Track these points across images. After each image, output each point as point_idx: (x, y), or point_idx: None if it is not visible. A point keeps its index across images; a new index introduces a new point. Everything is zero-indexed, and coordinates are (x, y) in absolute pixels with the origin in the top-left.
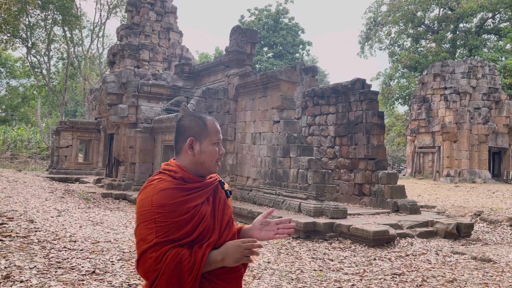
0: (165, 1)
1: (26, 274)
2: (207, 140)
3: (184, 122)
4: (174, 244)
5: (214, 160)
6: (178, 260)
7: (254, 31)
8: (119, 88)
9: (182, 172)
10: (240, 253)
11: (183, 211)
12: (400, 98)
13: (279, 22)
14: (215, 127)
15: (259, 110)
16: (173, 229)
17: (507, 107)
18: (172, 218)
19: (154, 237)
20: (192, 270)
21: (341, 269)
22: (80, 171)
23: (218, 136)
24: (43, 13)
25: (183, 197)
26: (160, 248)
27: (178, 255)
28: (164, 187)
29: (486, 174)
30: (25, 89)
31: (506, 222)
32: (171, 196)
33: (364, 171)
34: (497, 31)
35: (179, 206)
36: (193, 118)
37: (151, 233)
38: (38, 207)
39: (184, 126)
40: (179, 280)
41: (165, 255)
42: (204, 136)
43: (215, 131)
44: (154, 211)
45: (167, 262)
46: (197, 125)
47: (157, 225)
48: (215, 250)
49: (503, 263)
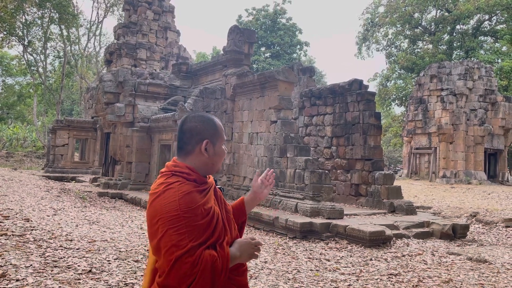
0: (163, 0)
1: (22, 272)
2: (219, 142)
3: (195, 124)
4: (203, 247)
5: (222, 160)
6: (213, 261)
7: (252, 31)
8: (116, 87)
9: (194, 174)
10: (252, 249)
11: (205, 213)
12: (396, 99)
13: (276, 22)
14: (222, 128)
15: (257, 110)
16: (200, 231)
17: (503, 109)
18: (199, 220)
19: (188, 241)
20: (223, 269)
21: (338, 269)
22: (76, 170)
23: (224, 136)
24: (40, 11)
25: (202, 198)
26: (195, 252)
27: (212, 256)
28: (188, 190)
29: (481, 175)
30: (21, 87)
31: (501, 223)
32: (195, 199)
33: (360, 171)
34: (494, 33)
35: (201, 208)
36: (204, 120)
37: (183, 238)
38: (34, 206)
39: (197, 128)
40: (213, 280)
41: (200, 258)
42: (216, 138)
43: (223, 132)
44: (183, 216)
45: (203, 265)
46: (210, 127)
47: (188, 229)
48: (231, 247)
49: (499, 264)
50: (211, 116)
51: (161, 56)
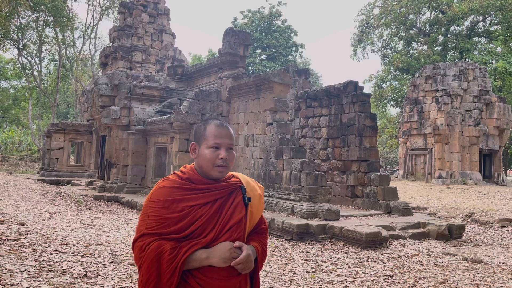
0: (158, 3)
1: (17, 277)
2: (203, 144)
3: (194, 128)
4: (160, 237)
5: (210, 163)
6: (159, 251)
7: (247, 33)
8: (112, 90)
9: (190, 173)
10: (227, 253)
11: (177, 209)
12: (392, 100)
13: (272, 24)
14: (213, 131)
15: (252, 112)
16: (163, 224)
17: (498, 110)
18: (164, 214)
19: (144, 228)
20: (172, 262)
21: (334, 271)
22: (72, 174)
23: (215, 139)
24: (35, 15)
25: (181, 196)
26: (146, 239)
27: (160, 247)
28: (164, 185)
29: (477, 175)
30: (16, 90)
31: (497, 223)
32: (167, 194)
33: (356, 173)
34: (488, 34)
35: (173, 203)
36: (199, 124)
37: (142, 224)
38: (29, 210)
39: (193, 132)
40: (158, 270)
41: (148, 245)
42: (201, 140)
43: (213, 135)
44: (149, 205)
45: (148, 253)
46: (199, 130)
47: (149, 218)
48: (203, 248)
49: (494, 264)
50: (212, 121)
51: (157, 59)
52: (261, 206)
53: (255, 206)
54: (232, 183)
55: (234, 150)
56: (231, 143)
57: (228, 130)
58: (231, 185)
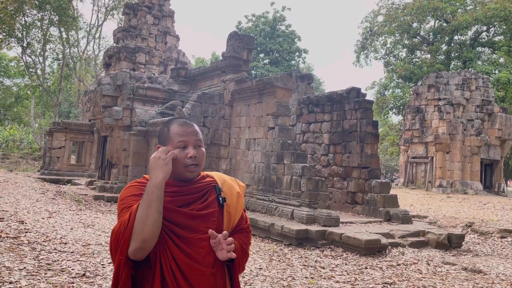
0: (163, 5)
1: (16, 275)
2: (169, 146)
3: (158, 131)
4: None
5: (180, 165)
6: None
7: (251, 37)
8: (114, 91)
9: None
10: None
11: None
12: (394, 108)
13: (276, 29)
14: (177, 131)
15: (254, 116)
16: None
17: (500, 120)
18: (127, 203)
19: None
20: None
21: (333, 277)
22: (72, 173)
23: (180, 138)
24: (40, 13)
25: (138, 191)
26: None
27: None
28: (127, 186)
29: (478, 185)
30: (19, 88)
31: (496, 233)
32: (129, 191)
33: (357, 179)
34: (491, 44)
35: (131, 196)
36: (162, 126)
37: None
38: (29, 208)
39: (157, 135)
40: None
41: None
42: (167, 142)
43: (177, 135)
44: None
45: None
46: (163, 132)
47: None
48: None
49: (493, 274)
50: (174, 120)
51: (160, 61)
52: (240, 205)
53: (233, 205)
54: (206, 183)
55: (203, 147)
56: (198, 139)
57: (193, 127)
58: (204, 186)
